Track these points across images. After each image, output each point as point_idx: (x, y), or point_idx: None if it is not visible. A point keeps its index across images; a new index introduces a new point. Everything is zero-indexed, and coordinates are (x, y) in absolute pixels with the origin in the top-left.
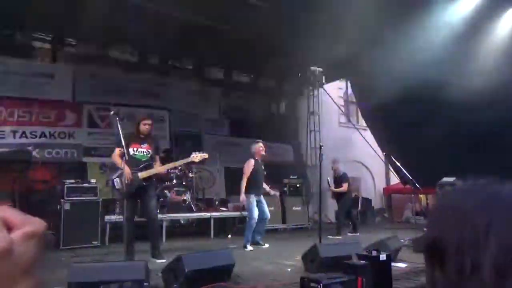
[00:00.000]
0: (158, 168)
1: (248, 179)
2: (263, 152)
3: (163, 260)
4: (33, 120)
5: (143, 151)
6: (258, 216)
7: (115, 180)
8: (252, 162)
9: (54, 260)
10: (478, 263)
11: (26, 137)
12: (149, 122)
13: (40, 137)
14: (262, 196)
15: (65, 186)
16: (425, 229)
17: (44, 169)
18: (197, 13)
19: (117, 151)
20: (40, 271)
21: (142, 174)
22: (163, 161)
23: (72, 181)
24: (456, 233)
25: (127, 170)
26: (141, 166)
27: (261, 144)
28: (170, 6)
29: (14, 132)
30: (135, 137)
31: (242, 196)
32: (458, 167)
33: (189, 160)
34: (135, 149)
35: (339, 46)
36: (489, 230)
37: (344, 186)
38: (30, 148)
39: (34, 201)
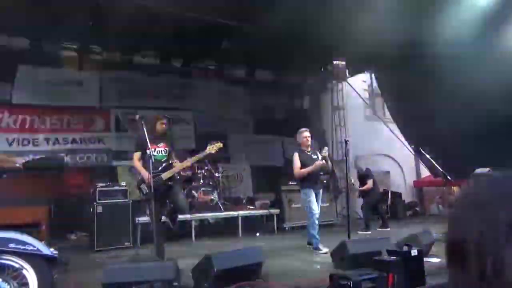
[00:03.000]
0: (178, 166)
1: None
2: (309, 143)
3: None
4: (64, 126)
5: (161, 150)
6: None
7: (141, 187)
8: (296, 155)
9: (89, 261)
10: (501, 262)
11: (59, 143)
12: (165, 121)
13: (71, 143)
14: (320, 191)
15: (97, 189)
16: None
17: (76, 174)
18: (218, 13)
19: (137, 155)
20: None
21: (165, 175)
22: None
23: (103, 184)
24: (477, 231)
25: (146, 175)
26: (161, 167)
27: (305, 134)
28: (189, 8)
29: (47, 139)
30: (151, 138)
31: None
32: (494, 157)
33: (206, 153)
34: (153, 149)
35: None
36: (510, 225)
37: (369, 183)
38: (62, 154)
39: (68, 206)
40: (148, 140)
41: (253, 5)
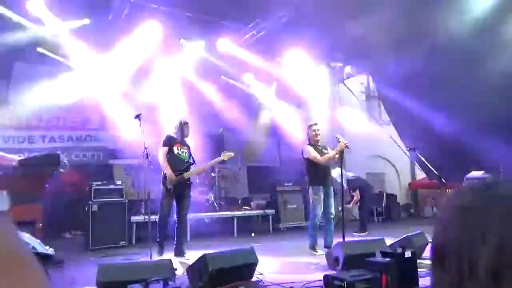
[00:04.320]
0: (197, 169)
1: (311, 168)
2: (318, 137)
3: (186, 259)
4: (61, 124)
5: (185, 152)
6: (324, 212)
7: (167, 183)
8: (308, 147)
9: (84, 260)
10: (475, 263)
11: (55, 141)
12: (188, 125)
13: (67, 141)
14: (331, 188)
15: (93, 188)
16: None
17: (72, 172)
18: None
19: (164, 150)
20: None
21: (186, 174)
22: None
23: (99, 183)
24: (457, 234)
25: (171, 175)
26: (184, 167)
27: (314, 127)
28: None
29: (43, 137)
30: (176, 139)
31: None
32: (490, 161)
33: (220, 159)
34: (178, 148)
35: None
36: (486, 230)
37: (356, 194)
38: (58, 152)
39: (64, 204)
40: (175, 138)
41: None
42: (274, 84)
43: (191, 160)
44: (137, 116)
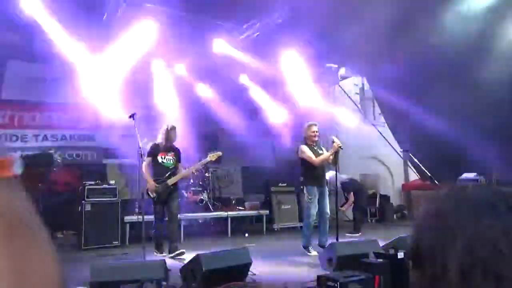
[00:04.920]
0: (182, 173)
1: (306, 168)
2: (316, 138)
3: (182, 255)
4: (54, 123)
5: (170, 159)
6: (319, 212)
7: (149, 192)
8: (304, 147)
9: (76, 260)
10: (446, 265)
11: (47, 140)
12: (175, 129)
13: (61, 140)
14: (326, 188)
15: (86, 187)
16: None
17: (65, 171)
18: None
19: (148, 160)
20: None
21: (170, 181)
22: None
23: (92, 182)
24: (430, 236)
25: (151, 185)
26: (168, 173)
27: (313, 128)
28: None
29: (36, 135)
30: (162, 146)
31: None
32: (482, 163)
33: (207, 160)
34: (163, 156)
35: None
36: (456, 232)
37: (350, 197)
38: (51, 151)
39: (57, 203)
40: (160, 146)
41: None
42: (270, 85)
43: (177, 165)
44: (132, 116)
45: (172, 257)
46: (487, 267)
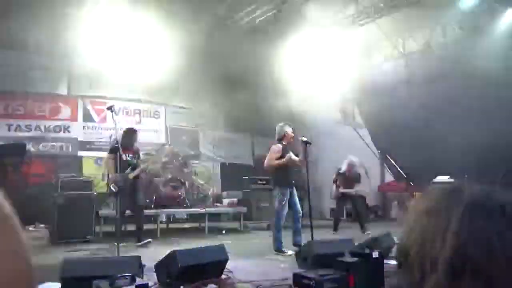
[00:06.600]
0: (140, 168)
1: (277, 168)
2: (292, 140)
3: (148, 244)
4: (28, 113)
5: (131, 156)
6: (292, 211)
7: (111, 186)
8: (279, 147)
9: (47, 254)
10: (436, 263)
11: (21, 130)
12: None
13: (35, 130)
14: (294, 188)
15: (60, 180)
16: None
17: (39, 163)
18: None
19: (110, 156)
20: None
21: (130, 175)
22: None
23: (67, 175)
24: (420, 235)
25: (115, 178)
26: (130, 167)
27: (290, 129)
28: None
29: (9, 125)
30: (125, 145)
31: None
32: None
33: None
34: (127, 154)
35: None
36: (446, 230)
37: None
38: (24, 141)
39: (28, 195)
40: (121, 145)
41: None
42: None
43: (136, 162)
44: (110, 108)
45: (140, 246)
46: (478, 268)
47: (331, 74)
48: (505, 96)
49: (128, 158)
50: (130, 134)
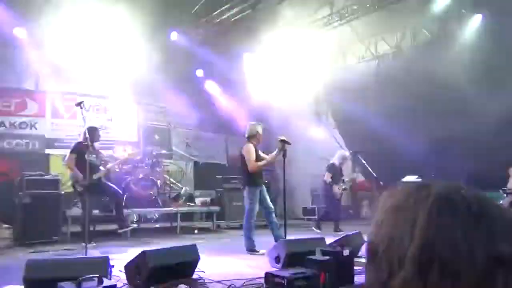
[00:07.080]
0: (108, 167)
1: (247, 168)
2: (261, 138)
3: (134, 226)
4: None
5: (95, 156)
6: (265, 208)
7: (75, 185)
8: (252, 147)
9: (11, 255)
10: (403, 259)
11: None
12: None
13: None
14: (264, 187)
15: (25, 178)
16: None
17: (3, 161)
18: None
19: (72, 156)
20: None
21: (95, 175)
22: None
23: (33, 173)
24: (388, 232)
25: (79, 176)
26: (93, 169)
27: (260, 129)
28: None
29: None
30: (85, 145)
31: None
32: (424, 167)
33: (125, 158)
34: (90, 155)
35: None
36: (414, 226)
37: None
38: None
39: None
40: (84, 144)
41: None
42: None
43: (98, 163)
44: (79, 104)
45: (123, 232)
46: (445, 264)
47: (305, 74)
48: (460, 98)
49: (91, 158)
50: (92, 132)
